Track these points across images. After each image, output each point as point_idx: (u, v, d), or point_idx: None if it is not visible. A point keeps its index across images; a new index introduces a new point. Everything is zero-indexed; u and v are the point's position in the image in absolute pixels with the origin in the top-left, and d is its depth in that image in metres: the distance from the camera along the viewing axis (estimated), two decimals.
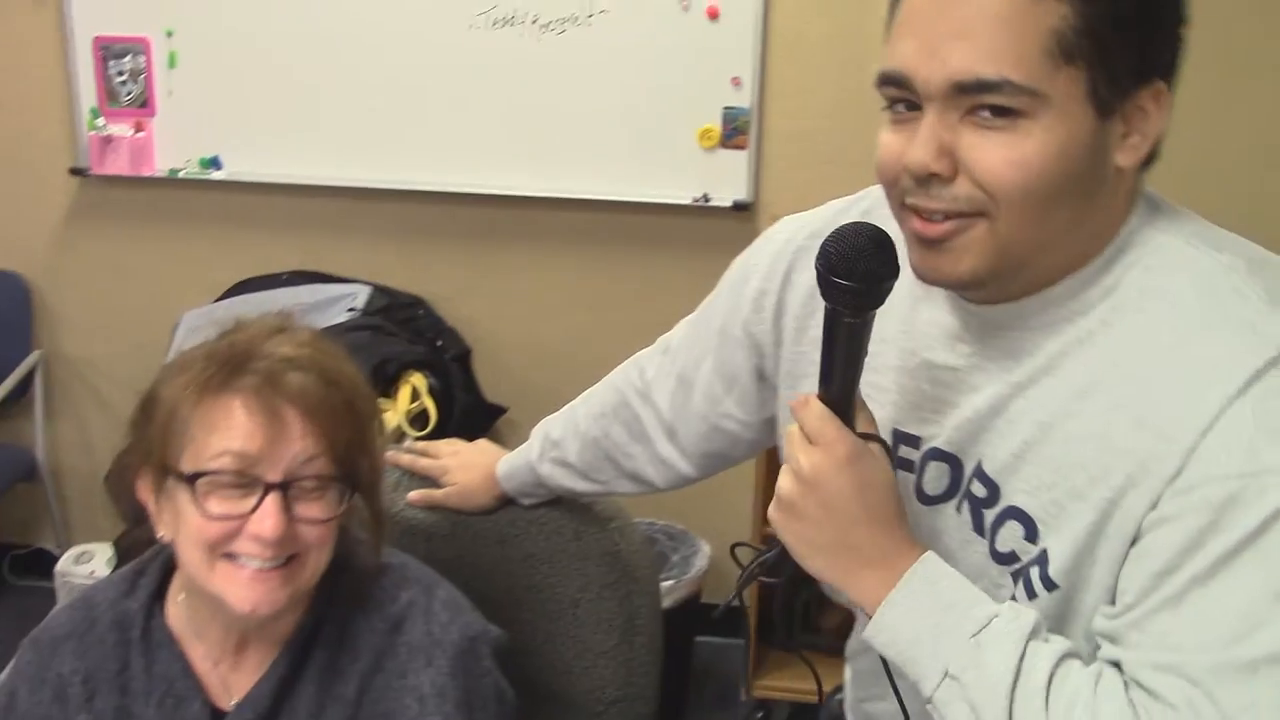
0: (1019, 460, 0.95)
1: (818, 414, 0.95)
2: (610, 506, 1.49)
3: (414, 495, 1.47)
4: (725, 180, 2.64)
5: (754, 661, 2.66)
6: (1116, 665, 0.88)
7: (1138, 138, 0.90)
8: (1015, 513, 0.96)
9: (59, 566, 2.84)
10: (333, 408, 1.11)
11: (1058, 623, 0.95)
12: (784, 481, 0.96)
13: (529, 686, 1.41)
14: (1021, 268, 0.93)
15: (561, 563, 1.44)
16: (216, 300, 2.80)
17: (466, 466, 1.48)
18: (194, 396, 1.08)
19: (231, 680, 1.17)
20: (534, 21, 2.60)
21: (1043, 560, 0.94)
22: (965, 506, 1.01)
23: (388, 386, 2.55)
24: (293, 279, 2.82)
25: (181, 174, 2.85)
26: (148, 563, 1.23)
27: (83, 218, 2.99)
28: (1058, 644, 0.89)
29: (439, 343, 2.75)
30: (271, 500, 1.06)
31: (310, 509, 1.10)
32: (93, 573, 2.75)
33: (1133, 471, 0.88)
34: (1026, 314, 0.95)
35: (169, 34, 2.76)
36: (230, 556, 1.08)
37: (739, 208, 2.66)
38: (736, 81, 2.58)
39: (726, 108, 2.60)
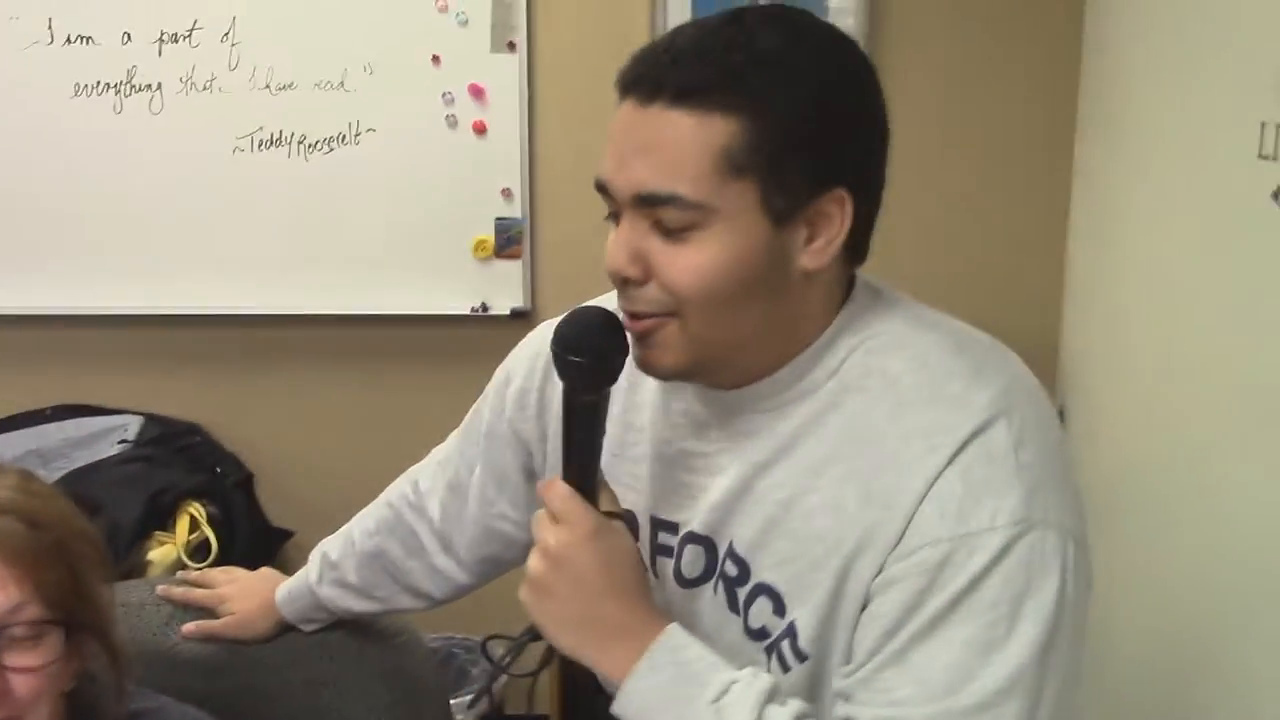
0: (765, 536, 1.00)
1: (562, 494, 0.99)
2: (394, 623, 1.48)
3: (189, 627, 1.43)
4: (502, 289, 2.68)
5: None
6: None
7: (822, 241, 0.96)
8: (764, 589, 1.01)
9: None
10: (37, 550, 1.06)
11: (811, 692, 1.00)
12: (532, 561, 1.00)
13: None
14: (726, 360, 1.00)
15: (345, 684, 1.41)
16: None
17: (244, 595, 1.45)
18: None
19: None
20: (300, 142, 2.60)
21: (792, 632, 0.99)
22: (720, 586, 1.05)
23: (165, 518, 2.45)
24: (57, 413, 2.69)
25: None
26: None
27: None
28: (793, 706, 0.94)
29: (218, 469, 2.66)
30: None
31: (22, 658, 1.04)
32: None
33: (861, 539, 0.95)
34: (758, 397, 1.02)
35: None
36: None
37: (516, 315, 2.69)
38: (507, 193, 2.63)
39: (499, 218, 2.64)
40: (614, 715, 0.97)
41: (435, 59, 2.55)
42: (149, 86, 2.59)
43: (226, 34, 2.56)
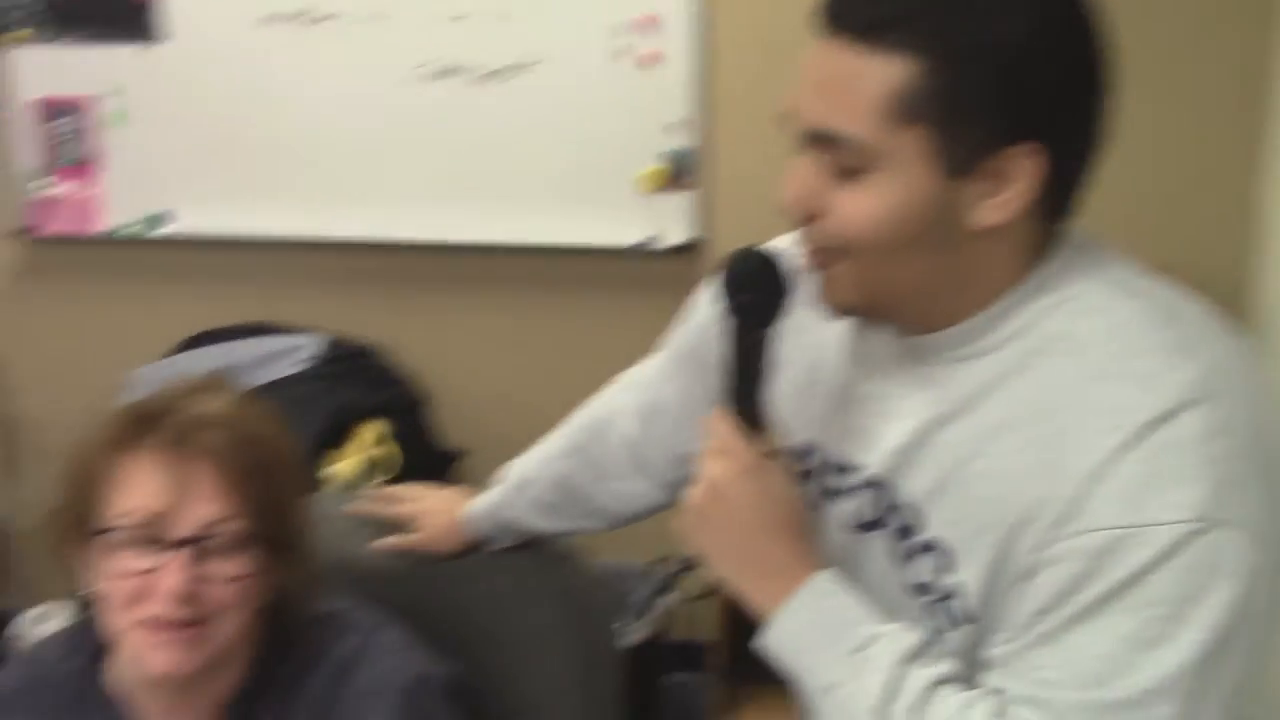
0: (937, 492, 0.98)
1: (724, 428, 1.00)
2: (565, 546, 1.50)
3: (382, 543, 1.47)
4: (670, 223, 2.68)
5: (722, 696, 2.66)
6: (997, 693, 0.91)
7: (1005, 197, 0.91)
8: (931, 545, 0.99)
9: (16, 628, 2.82)
10: (248, 466, 1.11)
11: (971, 654, 0.97)
12: (693, 490, 1.00)
13: None
14: (899, 306, 0.98)
15: (518, 603, 1.45)
16: (167, 356, 2.80)
17: (432, 512, 1.49)
18: (106, 454, 1.10)
19: None
20: (473, 72, 2.63)
21: (958, 593, 0.97)
22: (888, 536, 1.03)
23: (344, 435, 2.56)
24: (243, 332, 2.82)
25: (128, 232, 2.85)
26: (89, 621, 1.22)
27: (29, 280, 2.98)
28: (938, 669, 0.93)
29: (393, 390, 2.75)
30: (176, 558, 1.06)
31: (222, 568, 1.09)
32: (48, 632, 2.72)
33: (1028, 511, 0.91)
34: (943, 346, 0.98)
35: (113, 93, 2.77)
36: (145, 618, 1.08)
37: (684, 249, 2.69)
38: (681, 124, 2.62)
39: (671, 150, 2.63)
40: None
41: None
42: (329, 17, 2.65)
43: None
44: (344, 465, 2.49)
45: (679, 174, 2.64)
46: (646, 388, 1.36)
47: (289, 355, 2.72)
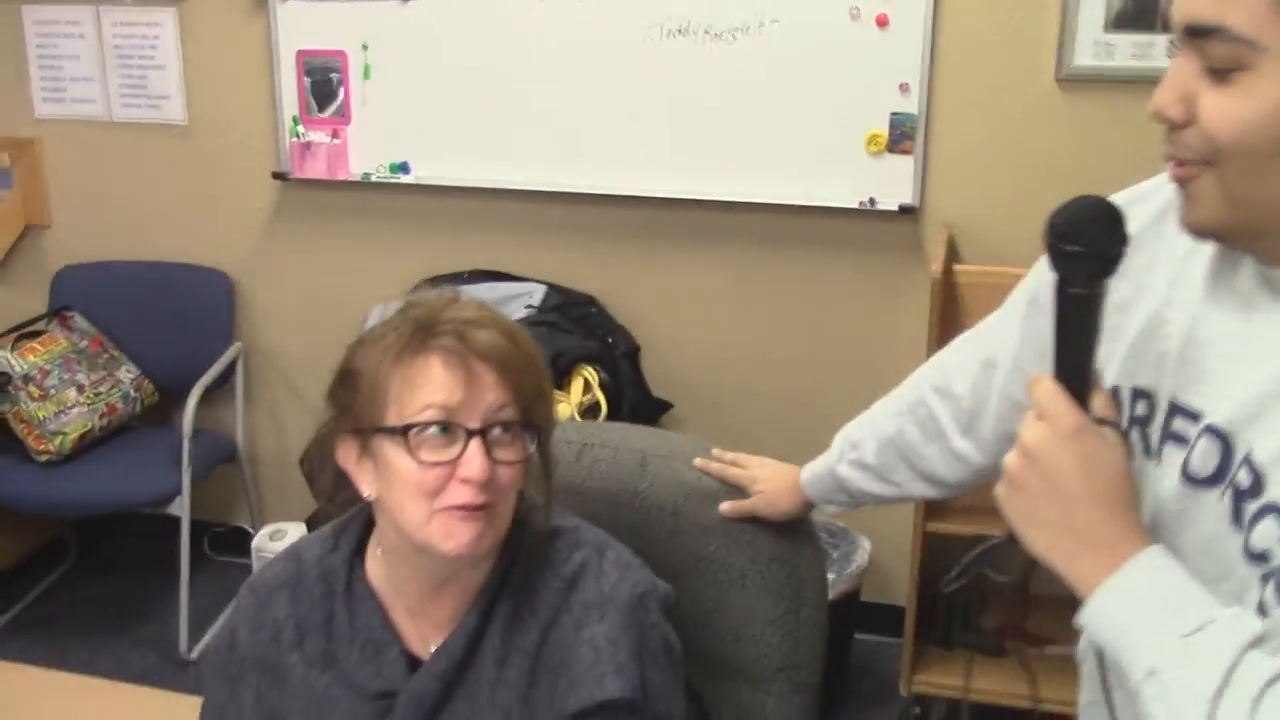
0: None
1: (1047, 390, 0.93)
2: None
3: (726, 506, 1.52)
4: (891, 185, 2.69)
5: (912, 658, 2.69)
6: None
7: None
8: (1278, 509, 0.89)
9: (255, 543, 3.06)
10: (516, 361, 1.21)
11: None
12: (1010, 457, 0.95)
13: (699, 654, 1.49)
14: (1267, 226, 0.90)
15: (732, 534, 1.51)
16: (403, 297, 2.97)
17: (773, 476, 1.52)
18: (393, 361, 1.20)
19: (425, 631, 1.27)
20: (706, 31, 2.70)
21: None
22: (1228, 495, 0.94)
23: (561, 379, 2.68)
24: (474, 277, 2.97)
25: (373, 178, 3.04)
26: (347, 523, 1.35)
27: (282, 219, 3.21)
28: (1278, 661, 0.83)
29: (609, 339, 2.86)
30: (475, 445, 1.17)
31: (505, 453, 1.20)
32: (283, 547, 2.93)
33: None
34: None
35: (364, 47, 2.95)
36: (448, 505, 1.18)
37: (904, 211, 2.70)
38: (905, 88, 2.63)
39: (894, 113, 2.64)
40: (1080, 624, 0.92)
41: None
42: None
43: None
44: (561, 407, 2.61)
45: (901, 137, 2.65)
46: (980, 343, 1.31)
47: (515, 300, 2.86)
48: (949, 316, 2.50)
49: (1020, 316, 1.23)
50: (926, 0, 2.58)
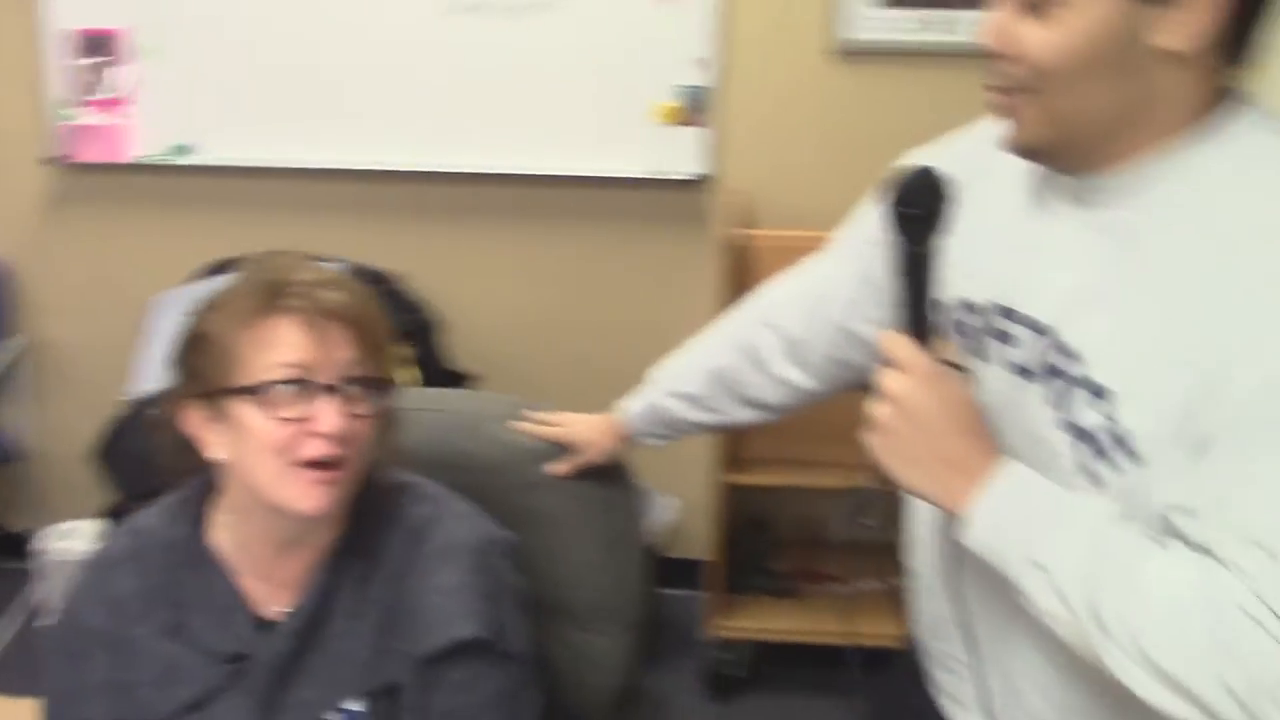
0: (1106, 336, 1.01)
1: (899, 342, 1.05)
2: None
3: (556, 467, 1.57)
4: (685, 155, 2.81)
5: (714, 607, 2.83)
6: (1195, 542, 0.94)
7: (1190, 17, 0.95)
8: (1100, 389, 1.00)
9: (40, 544, 2.93)
10: (364, 319, 1.27)
11: (1133, 499, 0.99)
12: (876, 407, 1.05)
13: (535, 603, 1.57)
14: (1082, 141, 1.03)
15: (556, 486, 1.59)
16: (191, 282, 2.91)
17: (588, 426, 1.58)
18: (242, 323, 1.23)
19: (274, 592, 1.31)
20: (498, 6, 2.75)
21: (1125, 436, 0.99)
22: (1054, 381, 1.05)
23: None
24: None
25: (155, 160, 2.97)
26: (187, 494, 1.36)
27: (61, 206, 3.09)
28: (1139, 527, 0.97)
29: (411, 315, 2.89)
30: (329, 400, 1.22)
31: (357, 408, 1.25)
32: (76, 549, 2.82)
33: (1203, 358, 0.93)
34: (1117, 187, 1.03)
35: (141, 24, 2.87)
36: (295, 465, 1.22)
37: (695, 181, 2.83)
38: (697, 62, 2.75)
39: (686, 86, 2.77)
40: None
41: None
42: None
43: None
44: None
45: (694, 110, 2.78)
46: (809, 280, 1.44)
47: None
48: (745, 279, 2.66)
49: (854, 257, 1.36)
50: None
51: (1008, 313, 1.12)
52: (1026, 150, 1.07)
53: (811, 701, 2.82)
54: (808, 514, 3.11)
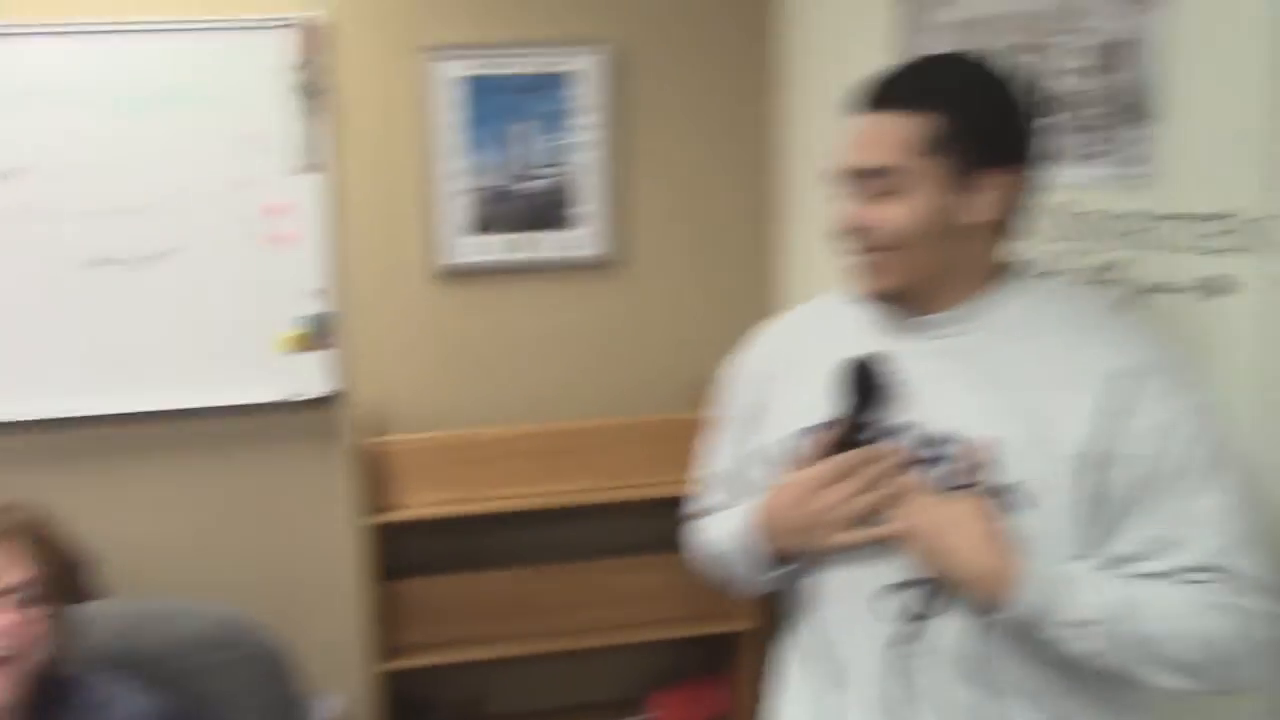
0: (963, 419, 1.38)
1: (914, 482, 1.40)
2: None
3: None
4: (313, 377, 3.06)
5: None
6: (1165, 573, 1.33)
7: (990, 199, 1.38)
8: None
9: None
10: (42, 539, 1.52)
11: (1042, 541, 1.34)
12: (911, 524, 1.38)
13: None
14: (926, 286, 1.42)
15: (217, 672, 1.81)
16: None
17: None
18: None
19: None
20: (128, 258, 2.93)
21: (1012, 489, 1.36)
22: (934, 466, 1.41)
23: None
24: None
25: None
26: None
27: None
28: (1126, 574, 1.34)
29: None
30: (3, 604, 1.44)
31: (31, 614, 1.48)
32: None
33: (1040, 417, 1.35)
34: (944, 322, 1.44)
35: None
36: None
37: (327, 398, 3.09)
38: (316, 291, 3.03)
39: (309, 315, 3.03)
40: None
41: (236, 183, 2.95)
42: None
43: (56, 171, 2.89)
44: None
45: (319, 334, 3.06)
46: (718, 471, 1.69)
47: None
48: (381, 483, 2.96)
49: (740, 434, 1.64)
50: (326, 219, 3.01)
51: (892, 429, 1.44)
52: (884, 294, 1.44)
53: None
54: (469, 690, 3.32)
